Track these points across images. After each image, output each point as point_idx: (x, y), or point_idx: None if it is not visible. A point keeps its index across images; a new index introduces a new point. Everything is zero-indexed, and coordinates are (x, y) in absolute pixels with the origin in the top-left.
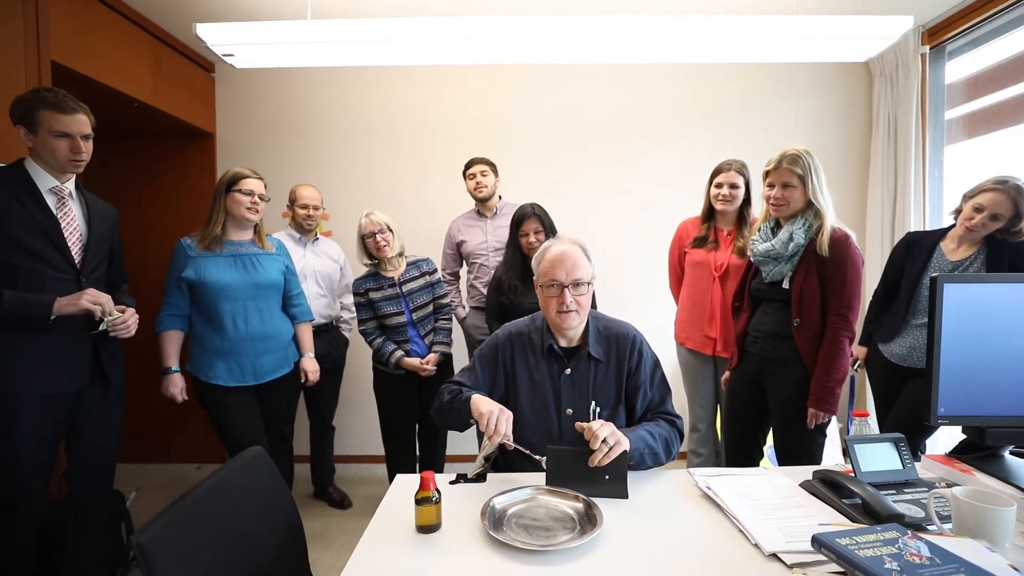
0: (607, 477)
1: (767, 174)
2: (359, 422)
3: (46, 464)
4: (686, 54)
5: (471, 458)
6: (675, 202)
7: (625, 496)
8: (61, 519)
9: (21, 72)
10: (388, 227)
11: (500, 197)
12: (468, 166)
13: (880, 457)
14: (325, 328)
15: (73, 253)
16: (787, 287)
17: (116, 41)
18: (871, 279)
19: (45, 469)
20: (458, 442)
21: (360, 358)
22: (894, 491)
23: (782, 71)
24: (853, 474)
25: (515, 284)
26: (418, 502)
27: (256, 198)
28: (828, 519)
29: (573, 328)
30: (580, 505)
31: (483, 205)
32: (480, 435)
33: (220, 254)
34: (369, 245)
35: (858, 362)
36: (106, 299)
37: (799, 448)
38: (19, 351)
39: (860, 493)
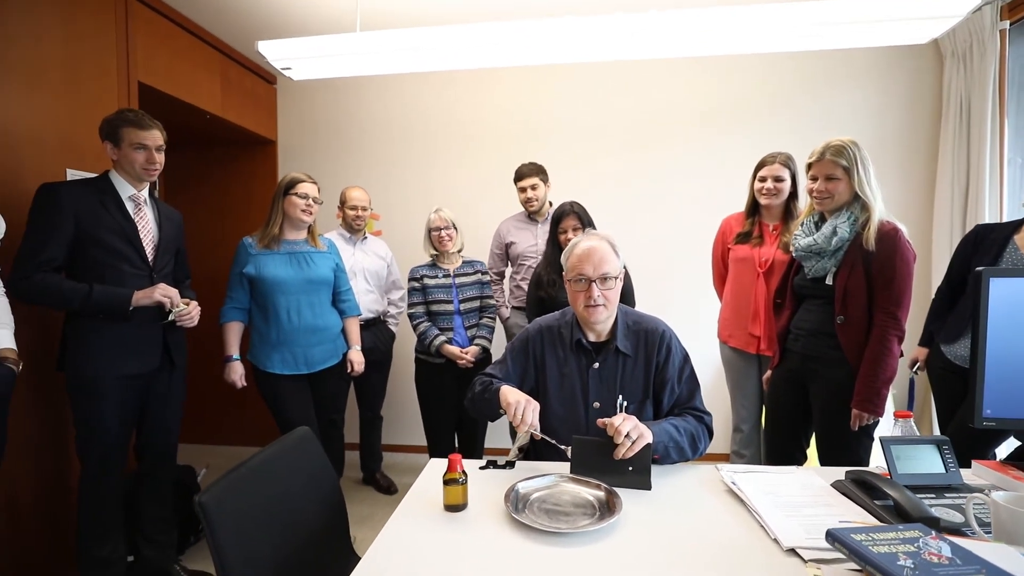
0: (631, 468)
1: (810, 166)
2: (406, 413)
3: (125, 436)
4: (734, 45)
5: (506, 452)
6: (722, 197)
7: (648, 488)
8: (133, 488)
9: (113, 95)
10: (454, 225)
11: (551, 204)
12: (519, 178)
13: (920, 460)
14: (373, 322)
15: (147, 252)
16: (830, 283)
17: (190, 59)
18: (939, 275)
19: (125, 441)
20: (496, 436)
21: (407, 352)
22: (933, 495)
23: (837, 56)
24: (890, 476)
25: (553, 279)
26: (446, 483)
27: (310, 201)
28: (856, 519)
29: (601, 322)
30: (602, 493)
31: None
32: (513, 428)
33: (277, 252)
34: (434, 238)
35: (918, 364)
36: (175, 293)
37: (843, 451)
38: (103, 338)
39: (892, 494)
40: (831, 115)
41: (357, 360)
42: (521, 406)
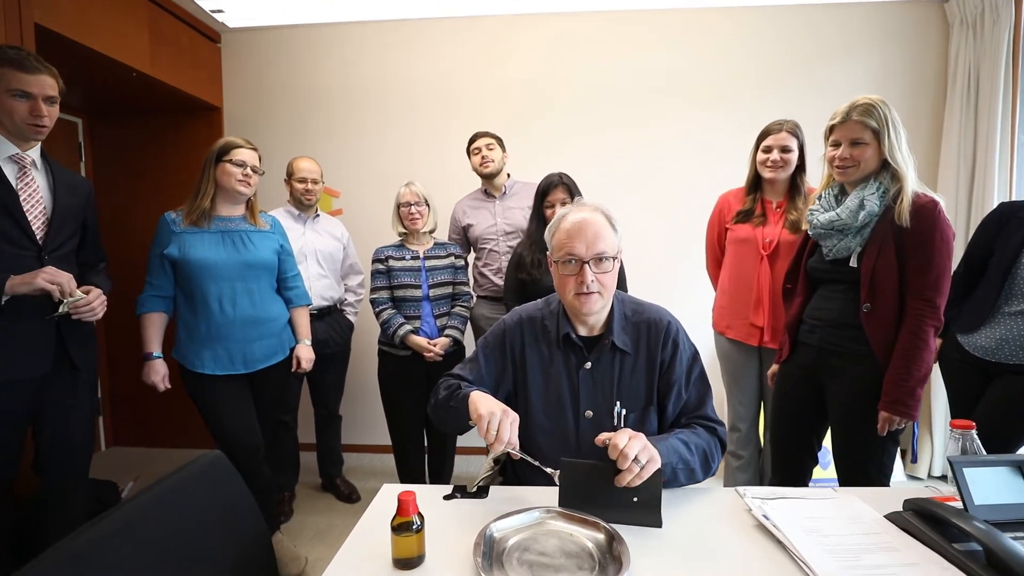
0: (636, 500)
1: (831, 130)
2: (368, 410)
3: (10, 455)
4: None
5: (485, 451)
6: (715, 173)
7: (658, 525)
8: (33, 515)
9: (0, 37)
10: (426, 201)
11: (509, 175)
12: (471, 141)
13: (999, 486)
14: (327, 311)
15: (35, 228)
16: (855, 265)
17: (108, 4)
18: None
19: (8, 461)
20: (471, 436)
21: (367, 343)
22: (1015, 530)
23: (835, 26)
24: (962, 506)
25: (538, 259)
26: (395, 529)
27: (249, 170)
28: (937, 572)
29: (595, 313)
30: (601, 536)
31: (490, 184)
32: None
33: (207, 230)
34: (403, 215)
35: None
36: (66, 278)
37: (865, 459)
38: None
39: (980, 538)
40: (829, 88)
41: (305, 356)
42: (496, 418)
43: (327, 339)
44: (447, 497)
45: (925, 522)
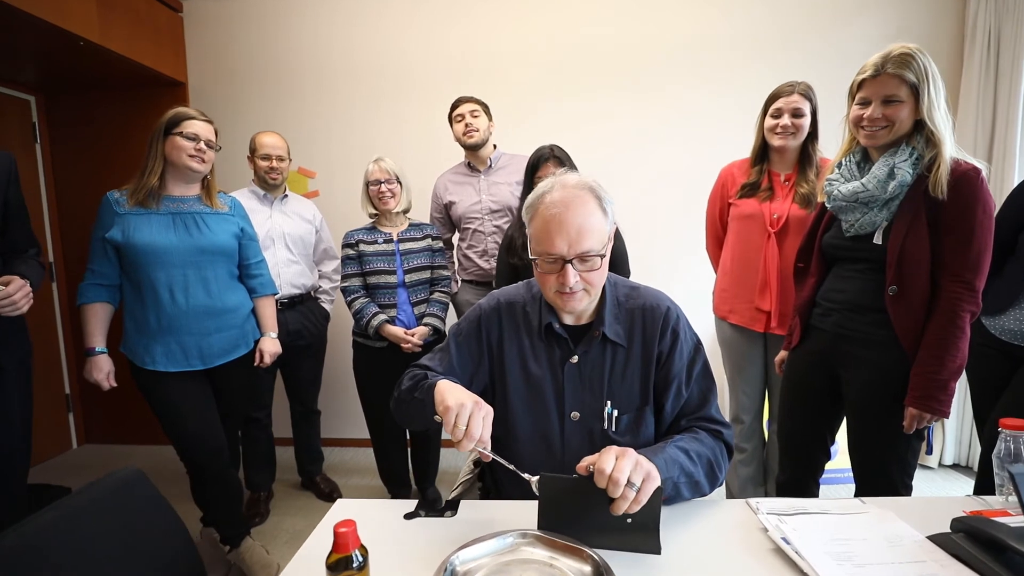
0: (629, 521)
1: (860, 85)
2: (349, 404)
3: None
4: None
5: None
6: (717, 146)
7: (656, 551)
8: None
9: None
10: (398, 178)
11: (495, 147)
12: (454, 107)
13: None
14: (300, 300)
15: None
16: (880, 242)
17: None
18: None
19: None
20: None
21: (345, 333)
22: None
23: None
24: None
25: (526, 242)
26: (330, 568)
27: (202, 145)
28: None
29: (579, 310)
30: (587, 568)
31: (474, 156)
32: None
33: (156, 211)
34: (372, 194)
35: None
36: None
37: (886, 456)
38: None
39: None
40: (841, 52)
41: (269, 350)
42: (465, 411)
43: (300, 330)
44: (408, 516)
45: (980, 548)
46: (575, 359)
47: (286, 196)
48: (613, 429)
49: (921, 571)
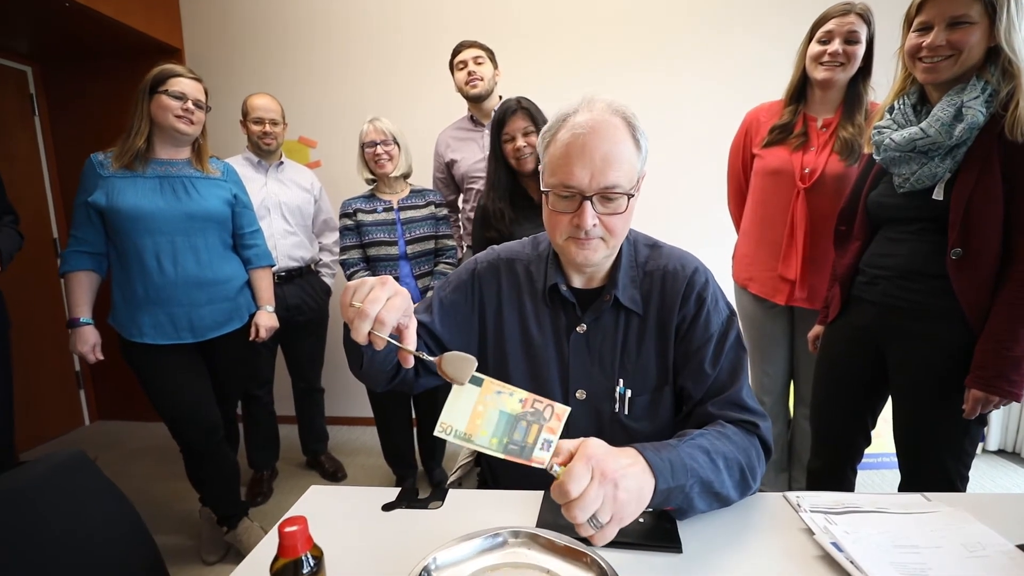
0: (641, 520)
1: (919, 7)
2: (353, 381)
3: None
4: None
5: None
6: (738, 85)
7: (677, 549)
8: None
9: None
10: (395, 140)
11: (501, 98)
12: (456, 52)
13: None
14: (299, 273)
15: None
16: (940, 198)
17: None
18: None
19: None
20: None
21: None
22: None
23: None
24: None
25: (500, 209)
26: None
27: (190, 104)
28: None
29: (594, 264)
30: (591, 575)
31: (477, 109)
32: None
33: (142, 175)
34: (368, 156)
35: None
36: None
37: (941, 444)
38: None
39: None
40: None
41: (265, 324)
42: (365, 287)
43: (299, 304)
44: (387, 507)
45: None
46: (582, 328)
47: (282, 163)
48: (626, 412)
49: None
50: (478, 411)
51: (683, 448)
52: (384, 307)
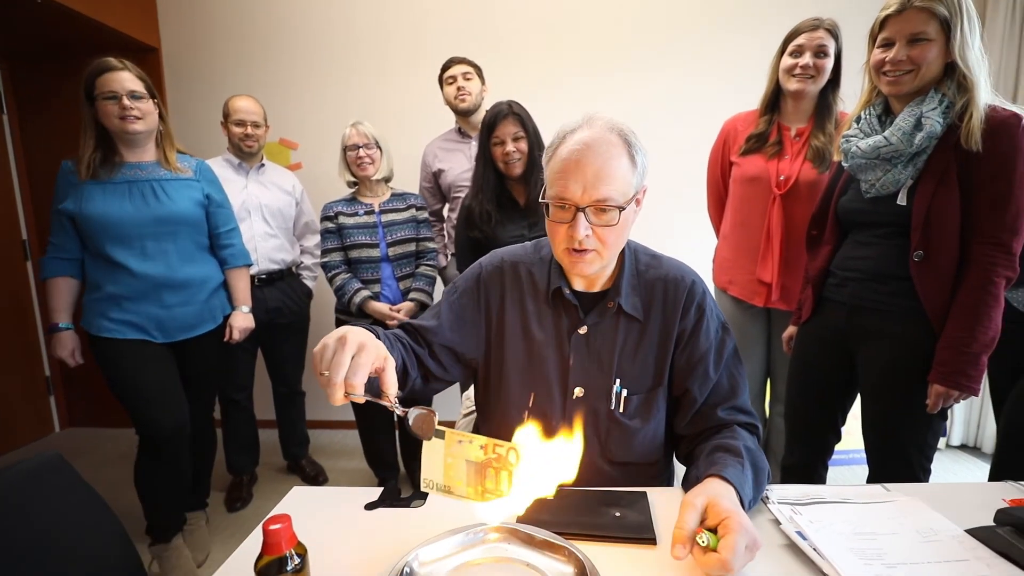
0: (618, 514)
1: (882, 24)
2: None
3: None
4: None
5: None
6: (718, 94)
7: (652, 541)
8: None
9: None
10: (377, 143)
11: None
12: (445, 67)
13: None
14: (279, 276)
15: None
16: (904, 203)
17: None
18: None
19: None
20: (449, 407)
21: (329, 311)
22: None
23: None
24: None
25: (487, 211)
26: (260, 573)
27: (126, 101)
28: None
29: (591, 273)
30: (570, 568)
31: (465, 122)
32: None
33: (112, 180)
34: (350, 160)
35: None
36: None
37: (905, 438)
38: None
39: None
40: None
41: (238, 325)
42: (328, 351)
43: (280, 307)
44: (370, 506)
45: None
46: (584, 330)
47: (263, 165)
48: (621, 410)
49: (964, 571)
50: (448, 463)
51: (729, 467)
52: (350, 370)
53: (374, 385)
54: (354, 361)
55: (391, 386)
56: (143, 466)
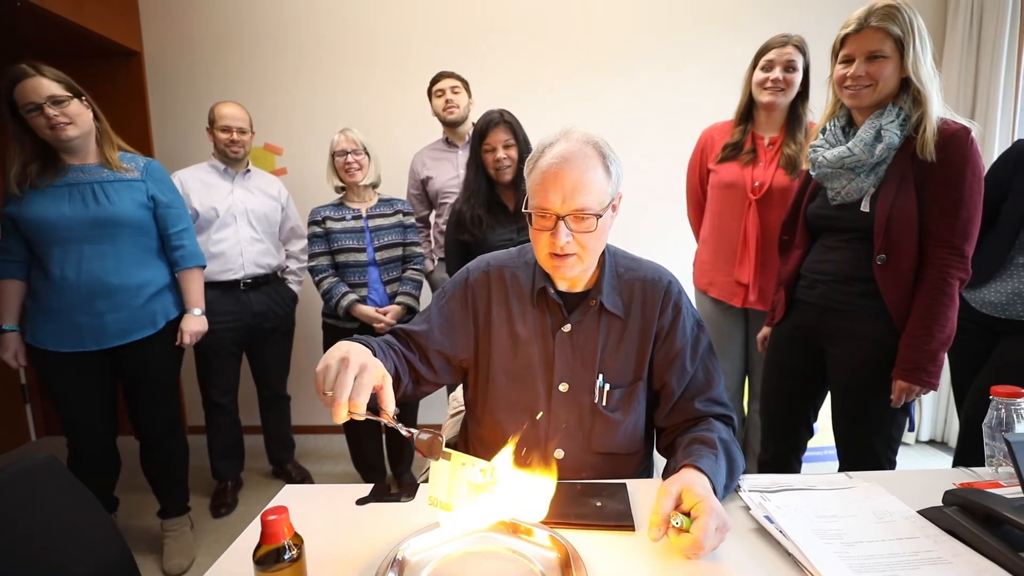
0: (599, 504)
1: (843, 42)
2: None
3: None
4: None
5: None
6: (697, 104)
7: (631, 527)
8: None
9: None
10: (365, 149)
11: (474, 124)
12: (434, 81)
13: None
14: (265, 280)
15: None
16: (867, 210)
17: None
18: None
19: None
20: (434, 411)
21: (315, 315)
22: None
23: None
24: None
25: (479, 216)
26: (259, 563)
27: (48, 110)
28: None
29: (572, 277)
30: (554, 555)
31: (453, 132)
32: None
33: (55, 183)
34: (338, 166)
35: None
36: None
37: (872, 431)
38: None
39: None
40: (816, 22)
41: (189, 329)
42: (331, 372)
43: (266, 312)
44: (361, 501)
45: (975, 521)
46: (568, 328)
47: (248, 171)
48: (604, 404)
49: (914, 547)
50: (452, 484)
51: (704, 458)
52: (353, 390)
53: (372, 402)
54: (357, 382)
55: (389, 403)
56: (71, 464)
